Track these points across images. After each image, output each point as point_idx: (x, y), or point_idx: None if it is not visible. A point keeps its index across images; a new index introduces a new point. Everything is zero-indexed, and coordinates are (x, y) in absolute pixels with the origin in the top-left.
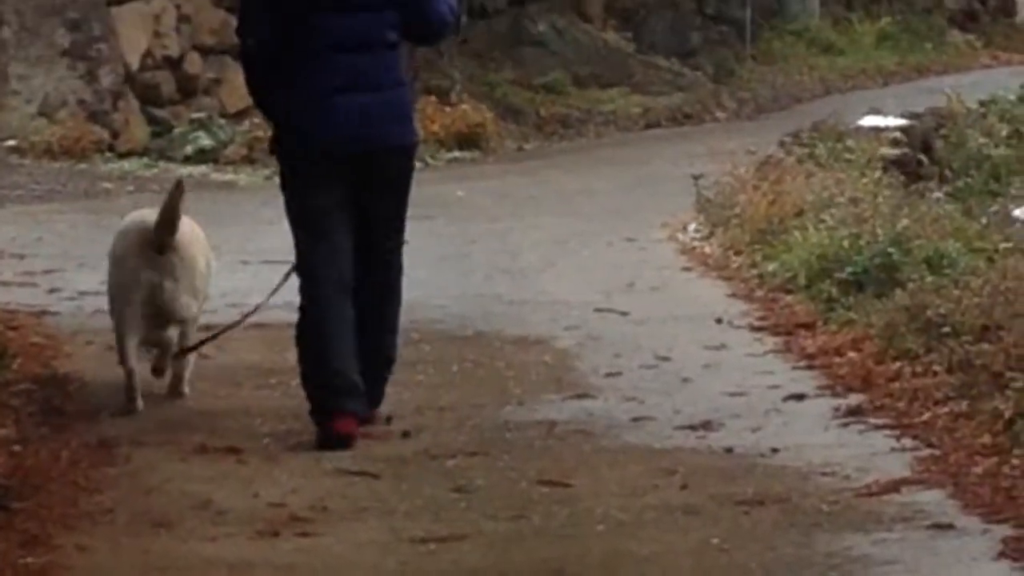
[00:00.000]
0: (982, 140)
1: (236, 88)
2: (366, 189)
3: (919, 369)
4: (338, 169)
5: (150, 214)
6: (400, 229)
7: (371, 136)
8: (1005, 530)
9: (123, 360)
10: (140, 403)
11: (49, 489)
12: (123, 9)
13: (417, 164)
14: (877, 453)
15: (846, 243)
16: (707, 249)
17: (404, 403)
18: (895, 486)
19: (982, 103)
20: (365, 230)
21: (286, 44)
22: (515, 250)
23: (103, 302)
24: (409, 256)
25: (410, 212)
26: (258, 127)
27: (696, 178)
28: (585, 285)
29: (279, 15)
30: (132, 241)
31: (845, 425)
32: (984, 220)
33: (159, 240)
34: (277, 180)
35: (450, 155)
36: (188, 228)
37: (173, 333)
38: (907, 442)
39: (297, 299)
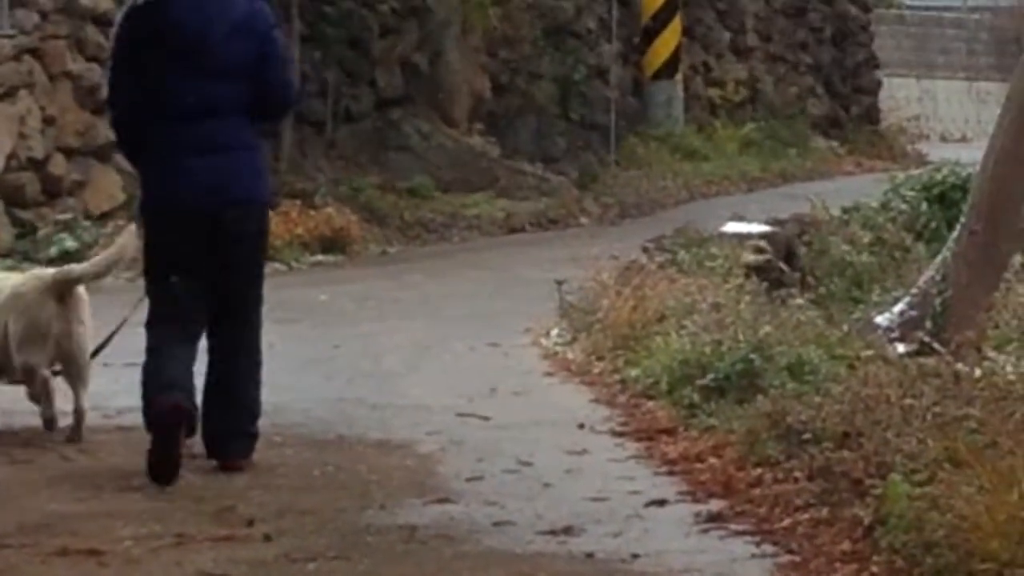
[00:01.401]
0: (845, 247)
1: (101, 190)
2: (218, 245)
3: (780, 475)
4: (190, 226)
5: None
6: (255, 286)
7: (220, 194)
8: None
9: None
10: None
11: None
12: None
13: (281, 267)
14: (737, 559)
15: (708, 349)
16: (570, 354)
17: (265, 506)
18: None
19: (845, 210)
20: (220, 286)
21: (146, 109)
22: (378, 354)
23: None
24: (272, 360)
25: (275, 316)
26: (122, 229)
27: (559, 283)
28: (448, 390)
29: (140, 82)
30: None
31: (706, 531)
32: (846, 327)
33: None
34: (140, 282)
35: (314, 258)
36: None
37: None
38: (767, 548)
39: None
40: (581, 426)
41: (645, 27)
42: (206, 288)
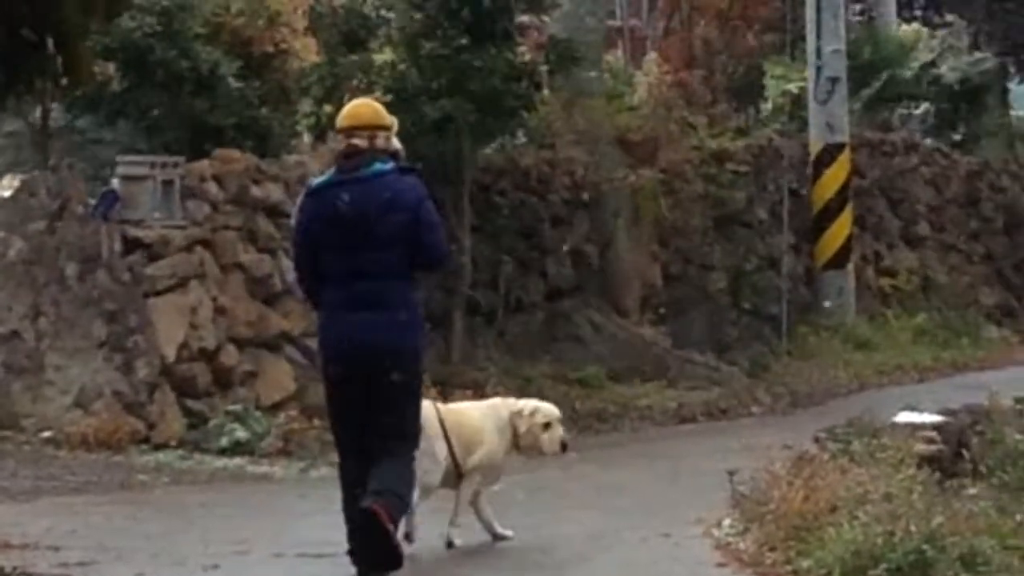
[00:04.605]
0: (1018, 437)
1: (272, 380)
2: (372, 388)
3: None
4: (353, 369)
5: None
6: (406, 422)
7: (372, 345)
8: None
9: None
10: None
11: None
12: (160, 301)
13: None
14: None
15: (880, 540)
16: (742, 545)
17: None
18: None
19: (1018, 400)
20: (375, 422)
21: (320, 273)
22: (548, 545)
23: None
24: (444, 551)
25: (448, 506)
26: (294, 419)
27: (731, 473)
28: None
29: (314, 251)
30: None
31: None
32: (1019, 517)
33: None
34: (312, 473)
35: None
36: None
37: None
38: None
39: None
40: None
41: (816, 217)
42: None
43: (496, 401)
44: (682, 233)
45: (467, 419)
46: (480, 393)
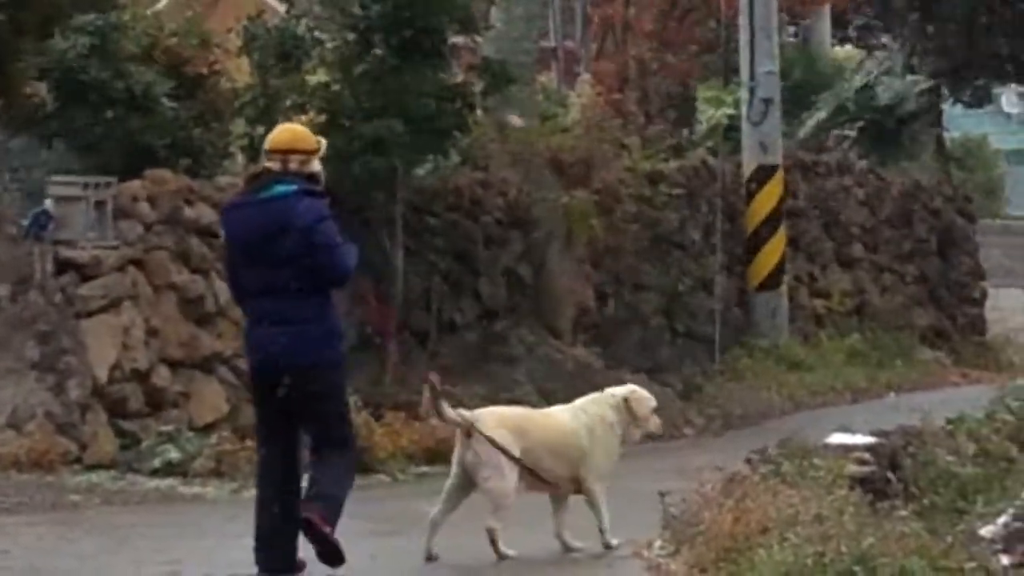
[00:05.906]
0: (950, 458)
1: (205, 401)
2: (289, 399)
3: None
4: (267, 382)
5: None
6: (331, 429)
7: (280, 359)
8: None
9: None
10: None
11: None
12: (92, 322)
13: (385, 479)
14: None
15: (810, 561)
16: (673, 566)
17: None
18: None
19: (950, 421)
20: (304, 429)
21: (240, 289)
22: (478, 566)
23: None
24: (373, 573)
25: (375, 528)
26: (226, 440)
27: (662, 495)
28: None
29: (234, 269)
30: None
31: None
32: (950, 539)
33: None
34: (244, 494)
35: (419, 470)
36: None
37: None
38: None
39: None
40: None
41: (750, 238)
42: (292, 430)
43: (588, 399)
44: (615, 254)
45: (554, 424)
46: (413, 415)
